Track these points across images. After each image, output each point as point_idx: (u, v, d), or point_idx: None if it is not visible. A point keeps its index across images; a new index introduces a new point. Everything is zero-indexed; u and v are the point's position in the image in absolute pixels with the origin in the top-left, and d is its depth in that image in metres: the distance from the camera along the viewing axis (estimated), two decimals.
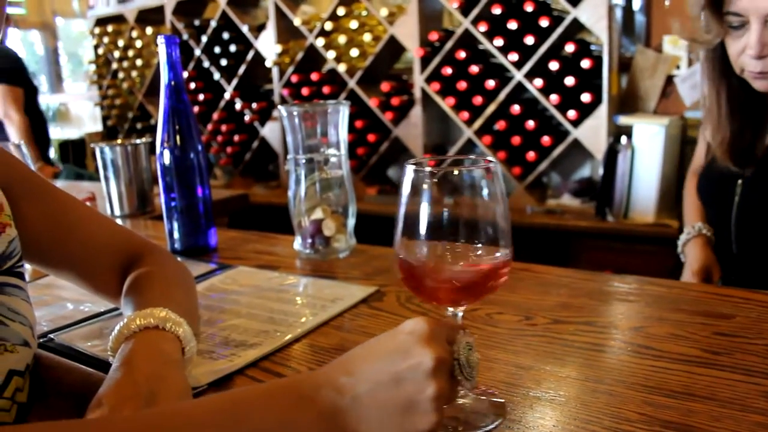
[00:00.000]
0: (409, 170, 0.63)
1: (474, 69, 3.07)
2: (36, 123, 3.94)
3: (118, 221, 1.80)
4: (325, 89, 3.51)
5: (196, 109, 4.08)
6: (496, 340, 0.79)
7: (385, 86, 3.34)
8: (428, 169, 0.62)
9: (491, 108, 3.09)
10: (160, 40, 1.22)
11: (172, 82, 1.23)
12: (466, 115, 3.15)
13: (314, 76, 3.57)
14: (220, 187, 4.04)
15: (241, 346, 0.81)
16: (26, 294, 0.72)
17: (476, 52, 3.15)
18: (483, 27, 2.97)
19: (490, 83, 3.03)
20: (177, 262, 0.89)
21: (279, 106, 1.13)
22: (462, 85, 3.10)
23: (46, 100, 5.87)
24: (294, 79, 3.62)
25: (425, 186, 0.61)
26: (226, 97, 3.98)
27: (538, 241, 2.92)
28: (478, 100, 3.09)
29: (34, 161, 3.79)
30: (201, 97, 4.07)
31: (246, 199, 2.19)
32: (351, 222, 1.24)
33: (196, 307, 0.87)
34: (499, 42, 2.96)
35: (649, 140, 2.74)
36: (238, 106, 3.94)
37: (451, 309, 0.65)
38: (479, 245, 0.62)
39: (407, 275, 0.64)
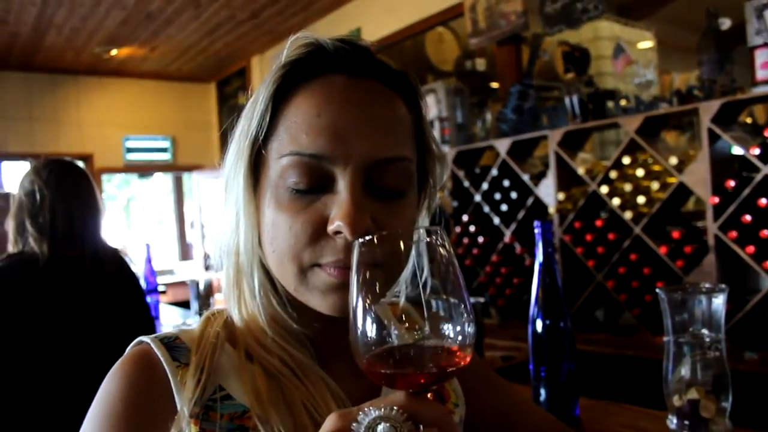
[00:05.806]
0: None
1: None
2: None
3: None
4: (610, 236, 3.52)
5: (474, 251, 4.29)
6: None
7: (675, 234, 3.26)
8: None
9: None
10: (537, 224, 1.35)
11: (543, 263, 1.35)
12: None
13: (597, 222, 3.60)
14: (494, 326, 4.12)
15: None
16: None
17: None
18: None
19: None
20: None
21: (658, 289, 1.19)
22: (765, 233, 2.94)
23: None
24: (576, 225, 3.68)
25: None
26: (505, 240, 4.13)
27: None
28: None
29: None
30: (480, 239, 4.27)
31: None
32: (727, 405, 1.22)
33: None
34: None
35: None
36: (517, 249, 4.06)
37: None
38: None
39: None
